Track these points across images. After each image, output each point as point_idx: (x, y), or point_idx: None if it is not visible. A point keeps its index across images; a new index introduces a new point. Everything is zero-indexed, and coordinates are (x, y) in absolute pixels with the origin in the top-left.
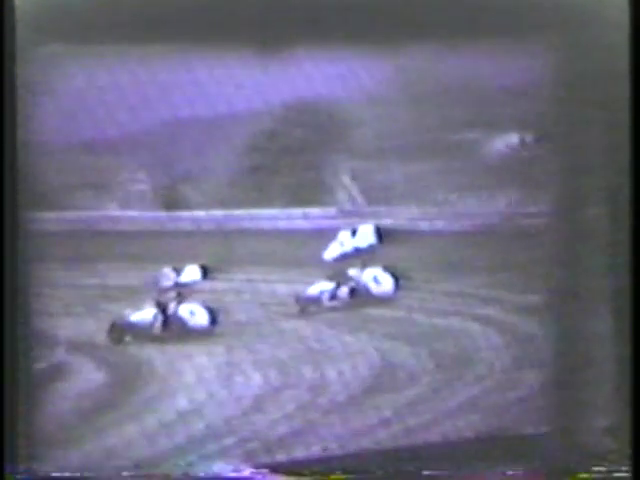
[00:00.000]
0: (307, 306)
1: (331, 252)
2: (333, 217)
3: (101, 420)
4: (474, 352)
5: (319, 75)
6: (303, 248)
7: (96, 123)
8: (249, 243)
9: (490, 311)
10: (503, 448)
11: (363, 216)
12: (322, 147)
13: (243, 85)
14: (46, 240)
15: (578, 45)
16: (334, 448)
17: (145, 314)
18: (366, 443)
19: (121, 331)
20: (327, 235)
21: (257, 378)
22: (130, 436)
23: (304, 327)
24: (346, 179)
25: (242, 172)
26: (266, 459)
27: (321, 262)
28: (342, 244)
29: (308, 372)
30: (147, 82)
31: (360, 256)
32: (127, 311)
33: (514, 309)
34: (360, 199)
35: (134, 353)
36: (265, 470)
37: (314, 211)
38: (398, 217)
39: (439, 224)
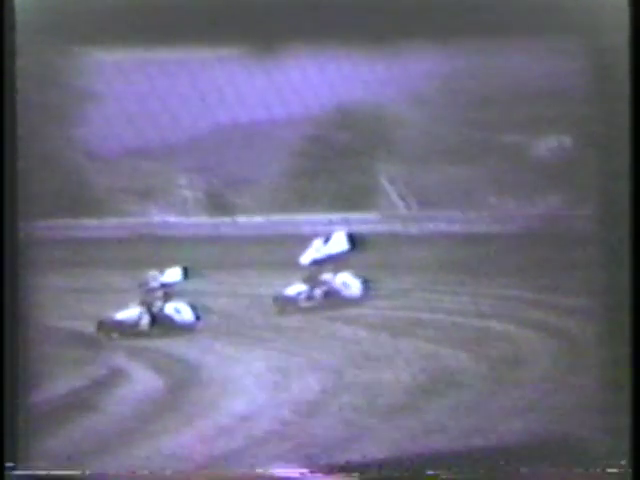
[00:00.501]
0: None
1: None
2: (375, 222)
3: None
4: (524, 355)
5: (360, 78)
6: (349, 253)
7: (139, 130)
8: (290, 248)
9: (538, 314)
10: (557, 450)
11: (405, 220)
12: (365, 151)
13: (284, 90)
14: (89, 246)
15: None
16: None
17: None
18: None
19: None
20: (369, 240)
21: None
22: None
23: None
24: (388, 184)
25: (284, 178)
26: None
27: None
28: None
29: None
30: (188, 88)
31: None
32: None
33: (562, 312)
34: (402, 203)
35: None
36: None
37: (355, 216)
38: (441, 221)
39: (482, 227)
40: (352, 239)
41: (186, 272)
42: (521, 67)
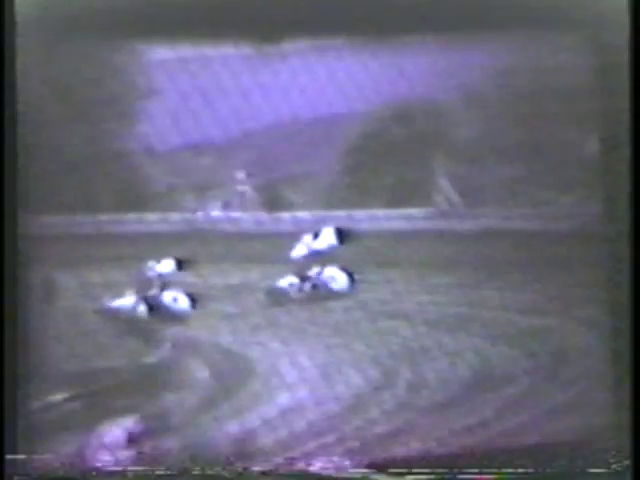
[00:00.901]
0: None
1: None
2: (432, 218)
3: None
4: (571, 352)
5: (415, 76)
6: (401, 248)
7: (198, 125)
8: (349, 243)
9: (588, 310)
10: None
11: (461, 217)
12: (422, 148)
13: (343, 85)
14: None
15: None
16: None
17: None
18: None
19: None
20: (427, 235)
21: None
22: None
23: (404, 327)
24: (444, 180)
25: (342, 173)
26: None
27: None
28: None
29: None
30: (248, 83)
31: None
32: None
33: (610, 308)
34: (458, 200)
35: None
36: None
37: (414, 212)
38: (495, 218)
39: (535, 224)
40: (402, 235)
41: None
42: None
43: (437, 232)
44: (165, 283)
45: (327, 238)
